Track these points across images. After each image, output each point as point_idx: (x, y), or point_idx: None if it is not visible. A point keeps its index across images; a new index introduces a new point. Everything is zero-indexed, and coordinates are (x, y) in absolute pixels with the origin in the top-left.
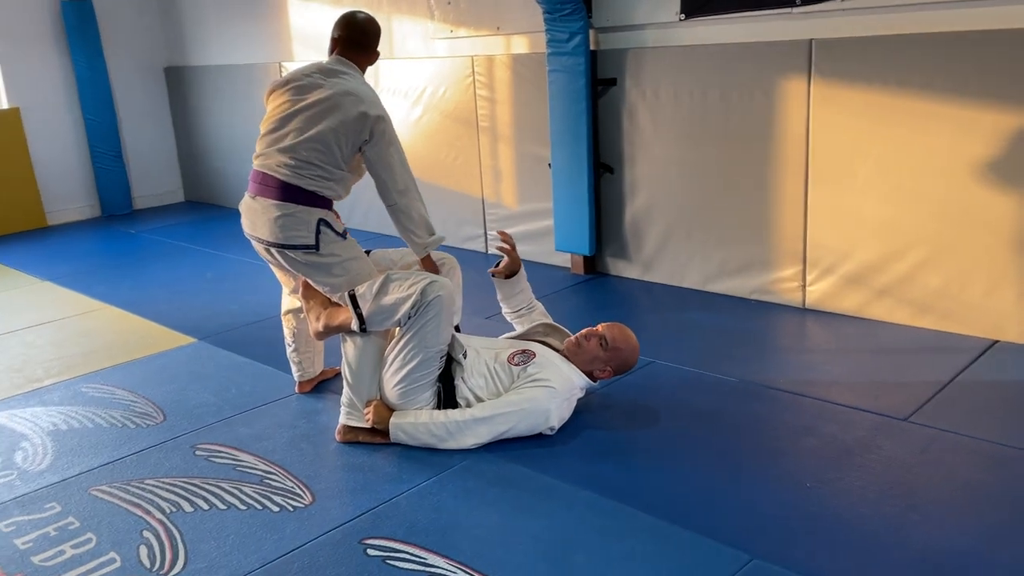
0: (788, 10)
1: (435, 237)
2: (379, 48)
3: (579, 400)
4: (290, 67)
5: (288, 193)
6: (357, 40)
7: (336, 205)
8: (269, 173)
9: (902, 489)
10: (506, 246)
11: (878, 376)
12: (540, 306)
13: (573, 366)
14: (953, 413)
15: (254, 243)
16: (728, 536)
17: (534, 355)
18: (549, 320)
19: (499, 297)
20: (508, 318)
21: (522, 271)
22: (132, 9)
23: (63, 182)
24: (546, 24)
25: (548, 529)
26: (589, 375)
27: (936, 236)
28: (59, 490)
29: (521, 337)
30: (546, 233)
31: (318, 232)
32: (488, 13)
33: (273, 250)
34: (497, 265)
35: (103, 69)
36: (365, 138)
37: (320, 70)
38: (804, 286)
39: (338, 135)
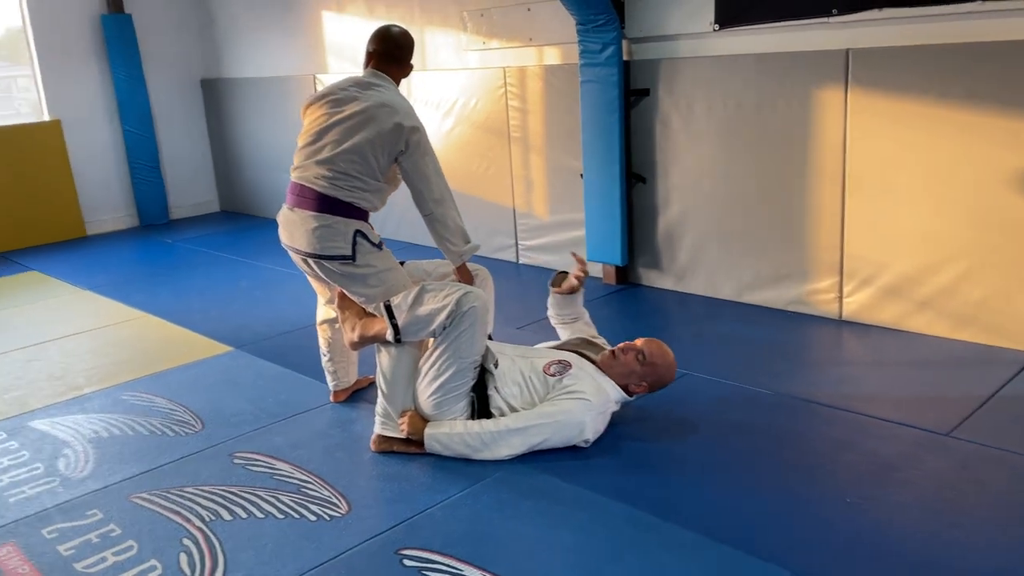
0: (824, 20)
1: (471, 245)
2: (413, 60)
3: (613, 413)
4: (324, 79)
5: (325, 204)
6: (391, 53)
7: (369, 215)
8: (307, 185)
9: (944, 505)
10: (580, 274)
11: (918, 390)
12: (586, 314)
13: (609, 379)
14: (996, 428)
15: (291, 254)
16: (767, 552)
17: (570, 366)
18: (593, 330)
19: (550, 302)
20: (553, 322)
21: (581, 289)
22: (170, 23)
23: (102, 192)
24: (579, 35)
25: (583, 542)
26: (624, 389)
27: (977, 247)
28: (100, 497)
29: (557, 348)
30: (578, 243)
31: (354, 243)
32: (520, 25)
33: (310, 261)
34: (559, 283)
35: (142, 82)
36: (401, 149)
37: (356, 83)
38: (841, 297)
39: (374, 146)
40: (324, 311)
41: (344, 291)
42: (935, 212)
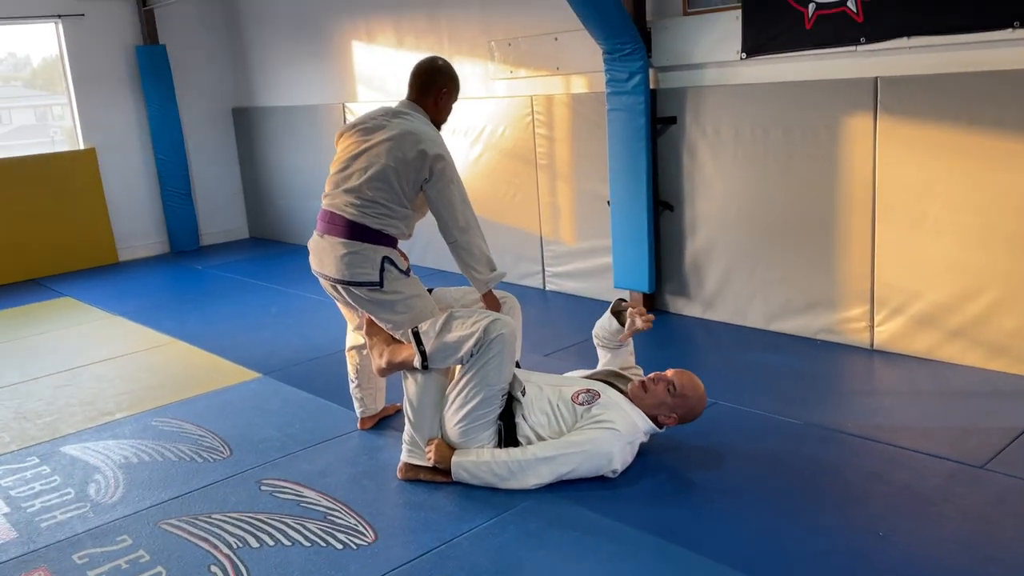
0: (852, 48)
1: (496, 273)
2: (451, 91)
3: (641, 443)
4: (354, 108)
5: (354, 231)
6: (420, 85)
7: (399, 242)
8: (336, 212)
9: (980, 539)
10: (644, 326)
11: (952, 421)
12: (631, 344)
13: (638, 410)
14: None
15: (321, 280)
16: None
17: (599, 395)
18: (632, 359)
19: (603, 324)
20: (596, 342)
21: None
22: (203, 53)
23: (135, 219)
24: (606, 64)
25: (610, 573)
26: (654, 420)
27: (1010, 276)
28: (130, 523)
29: (586, 378)
30: (604, 270)
31: (382, 269)
32: (547, 54)
33: (339, 287)
34: (615, 310)
35: (175, 111)
36: (425, 176)
37: (386, 113)
38: (872, 326)
39: (399, 173)
40: (353, 337)
41: (372, 317)
42: (966, 240)
